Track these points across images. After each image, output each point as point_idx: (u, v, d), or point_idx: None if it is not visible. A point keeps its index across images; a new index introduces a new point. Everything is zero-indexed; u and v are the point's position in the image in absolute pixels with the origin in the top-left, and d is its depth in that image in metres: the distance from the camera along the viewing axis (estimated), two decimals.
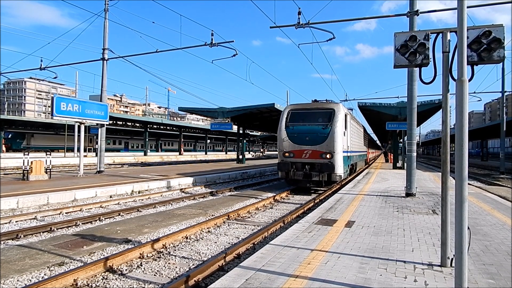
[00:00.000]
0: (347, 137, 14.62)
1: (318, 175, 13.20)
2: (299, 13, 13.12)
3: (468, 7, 3.66)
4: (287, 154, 13.90)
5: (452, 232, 3.81)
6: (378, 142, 70.43)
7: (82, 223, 8.29)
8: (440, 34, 4.26)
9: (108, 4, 18.86)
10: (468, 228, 3.65)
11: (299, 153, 13.68)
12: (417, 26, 10.68)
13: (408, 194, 10.49)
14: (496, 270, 4.23)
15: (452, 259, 4.12)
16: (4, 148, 41.71)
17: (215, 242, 7.00)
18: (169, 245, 6.62)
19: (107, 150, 28.33)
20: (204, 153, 63.28)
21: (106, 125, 18.96)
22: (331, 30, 13.97)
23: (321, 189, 14.94)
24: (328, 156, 13.15)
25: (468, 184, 4.43)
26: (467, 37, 3.76)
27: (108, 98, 20.01)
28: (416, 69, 9.21)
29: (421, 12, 10.65)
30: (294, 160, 13.74)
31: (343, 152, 13.65)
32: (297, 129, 13.92)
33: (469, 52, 3.91)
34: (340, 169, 13.29)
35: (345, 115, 14.25)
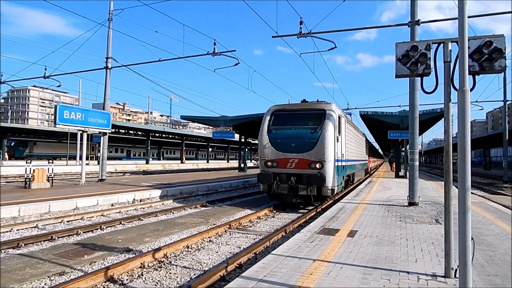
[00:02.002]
0: (342, 143, 12.79)
1: (305, 189, 11.22)
2: (301, 22, 13.23)
3: (468, 17, 3.68)
4: (269, 163, 11.87)
5: (456, 242, 3.78)
6: (380, 150, 70.21)
7: (83, 232, 8.26)
8: (442, 44, 4.29)
9: (112, 13, 19.10)
10: (472, 238, 3.62)
11: (283, 162, 11.68)
12: (418, 36, 10.73)
13: (411, 203, 10.42)
14: (501, 281, 4.18)
15: (456, 269, 4.07)
16: (6, 156, 41.85)
17: (217, 252, 6.95)
18: (170, 254, 6.58)
19: (109, 158, 28.37)
20: (206, 161, 63.25)
21: (109, 133, 19.03)
22: (332, 39, 13.93)
23: (310, 206, 12.59)
24: (317, 165, 11.19)
25: (471, 193, 4.37)
26: (468, 47, 3.79)
27: (110, 106, 20.11)
28: (418, 79, 9.24)
29: (422, 22, 10.71)
30: (278, 171, 11.71)
31: (336, 160, 11.71)
32: (281, 134, 11.92)
33: (470, 62, 3.92)
34: (332, 182, 11.30)
35: (339, 117, 12.28)
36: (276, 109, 12.68)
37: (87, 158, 25.93)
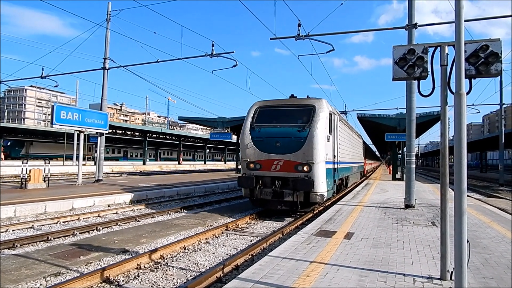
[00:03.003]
0: (334, 143, 11.62)
1: (292, 194, 10.04)
2: (299, 25, 13.27)
3: (465, 20, 3.71)
4: (251, 165, 10.69)
5: (452, 244, 3.80)
6: (377, 153, 70.37)
7: (79, 233, 8.23)
8: (438, 48, 4.31)
9: (110, 14, 19.07)
10: (468, 241, 3.64)
11: (267, 164, 10.48)
12: (415, 39, 10.78)
13: (408, 206, 10.46)
14: (496, 284, 4.20)
15: (452, 272, 4.08)
16: (2, 156, 41.59)
17: (213, 253, 6.94)
18: (167, 255, 6.56)
19: (106, 158, 28.29)
20: (203, 162, 63.15)
21: (106, 134, 18.98)
22: (330, 42, 14.00)
23: (300, 213, 11.26)
24: (305, 168, 10.01)
25: (468, 196, 4.41)
26: (465, 51, 3.82)
27: (108, 107, 20.06)
28: (415, 82, 9.29)
29: (419, 26, 10.78)
30: (261, 174, 10.54)
31: (327, 163, 10.62)
32: (265, 132, 10.71)
33: (467, 66, 3.95)
34: (321, 186, 10.14)
35: (330, 114, 11.03)
36: (261, 105, 11.49)
37: (84, 159, 25.80)
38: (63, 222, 9.53)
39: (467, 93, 3.79)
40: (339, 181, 13.64)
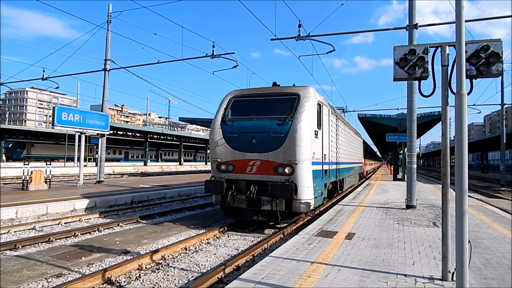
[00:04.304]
0: (324, 139, 9.90)
1: (270, 202, 8.27)
2: (300, 25, 13.27)
3: (465, 21, 3.72)
4: (223, 166, 9.03)
5: (453, 245, 3.80)
6: (378, 153, 70.30)
7: (80, 234, 8.24)
8: (439, 48, 4.31)
9: (110, 16, 19.12)
10: (469, 241, 3.64)
11: (241, 165, 8.79)
12: (415, 39, 10.78)
13: (409, 206, 10.45)
14: (497, 284, 4.19)
15: (453, 272, 4.08)
16: (4, 158, 41.68)
17: (214, 254, 6.94)
18: (168, 256, 6.57)
19: (107, 160, 28.33)
20: (204, 163, 63.19)
21: (107, 135, 19.01)
22: (331, 42, 13.96)
23: (284, 222, 9.23)
24: (286, 170, 8.32)
25: (469, 196, 4.43)
26: (466, 51, 3.82)
27: (109, 108, 20.09)
28: (416, 82, 9.28)
29: (420, 26, 10.77)
30: (234, 177, 8.89)
31: (314, 163, 8.90)
32: (238, 127, 9.02)
33: (467, 66, 3.95)
34: (306, 193, 8.37)
35: (319, 105, 9.40)
36: (236, 94, 9.80)
37: (85, 160, 25.87)
38: (65, 223, 9.55)
39: (468, 93, 3.80)
40: (331, 185, 11.83)
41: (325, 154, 10.01)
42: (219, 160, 9.09)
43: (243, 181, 8.85)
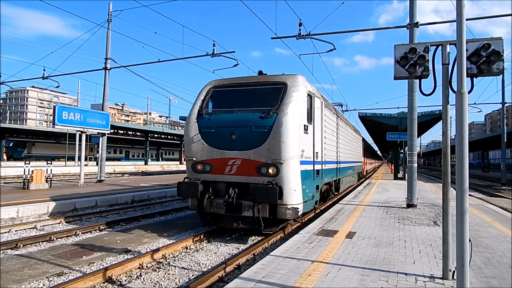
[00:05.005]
0: (316, 135, 8.86)
1: (252, 207, 7.23)
2: (300, 24, 13.27)
3: (466, 19, 3.71)
4: (199, 166, 8.02)
5: (454, 244, 3.80)
6: (378, 152, 70.26)
7: (81, 233, 8.26)
8: (440, 47, 4.31)
9: (111, 15, 19.12)
10: (470, 240, 3.64)
11: (219, 164, 7.76)
12: (416, 38, 10.76)
13: (409, 205, 10.44)
14: (498, 283, 4.19)
15: (454, 271, 4.08)
16: (5, 157, 41.75)
17: (215, 253, 6.95)
18: (169, 255, 6.58)
19: (107, 159, 28.32)
20: None
21: (107, 134, 19.02)
22: (331, 41, 13.95)
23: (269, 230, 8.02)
24: (270, 170, 7.30)
25: (469, 195, 4.44)
26: (467, 50, 3.81)
27: (109, 107, 20.11)
28: (416, 81, 9.27)
29: (420, 24, 10.76)
30: (212, 178, 7.89)
31: (304, 162, 7.85)
32: (216, 120, 8.01)
33: (468, 65, 3.94)
34: (293, 196, 7.37)
35: (310, 96, 8.41)
36: (216, 84, 8.78)
37: (85, 159, 25.85)
38: (66, 222, 9.56)
39: (469, 92, 3.79)
40: (326, 186, 10.91)
41: (317, 152, 8.98)
42: (194, 159, 8.05)
43: (221, 183, 7.89)
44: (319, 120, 9.29)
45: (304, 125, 7.89)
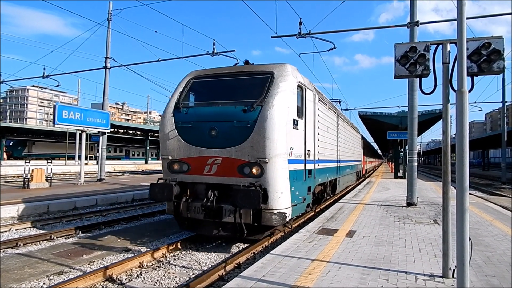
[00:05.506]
0: (308, 131, 8.08)
1: (233, 213, 6.44)
2: (300, 23, 13.24)
3: (467, 18, 3.70)
4: (175, 166, 7.23)
5: (454, 242, 3.80)
6: (379, 151, 70.23)
7: (82, 232, 8.26)
8: (440, 45, 4.30)
9: (111, 13, 19.09)
10: (470, 239, 3.64)
11: (198, 163, 6.95)
12: (416, 37, 10.74)
13: (410, 204, 10.45)
14: (498, 282, 4.19)
15: (454, 270, 4.08)
16: (5, 156, 41.76)
17: (215, 251, 6.95)
18: (169, 254, 6.58)
19: (108, 158, 28.34)
20: None
21: (108, 133, 19.02)
22: (331, 40, 13.88)
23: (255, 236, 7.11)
24: (254, 170, 6.51)
25: (470, 194, 4.45)
26: (467, 49, 3.80)
27: (109, 106, 20.10)
28: (417, 80, 9.27)
29: (421, 23, 10.74)
30: (189, 179, 7.08)
31: (293, 161, 7.06)
32: (194, 114, 7.20)
33: (469, 63, 3.94)
34: (280, 200, 6.56)
35: (300, 88, 7.65)
36: (197, 75, 7.98)
37: (86, 158, 25.85)
38: (66, 221, 9.56)
39: (469, 91, 3.79)
40: (321, 186, 10.22)
41: (309, 150, 8.14)
42: (170, 157, 7.24)
43: (200, 184, 7.05)
44: (312, 114, 8.51)
45: (294, 120, 7.09)
